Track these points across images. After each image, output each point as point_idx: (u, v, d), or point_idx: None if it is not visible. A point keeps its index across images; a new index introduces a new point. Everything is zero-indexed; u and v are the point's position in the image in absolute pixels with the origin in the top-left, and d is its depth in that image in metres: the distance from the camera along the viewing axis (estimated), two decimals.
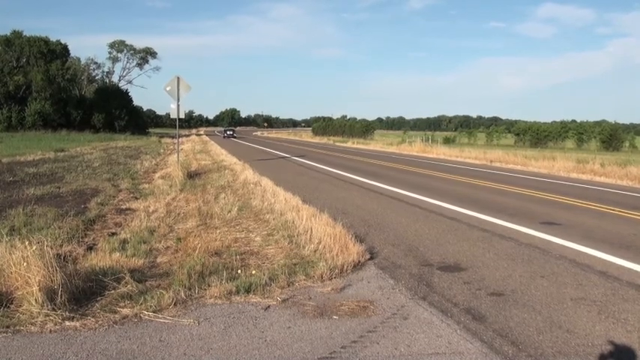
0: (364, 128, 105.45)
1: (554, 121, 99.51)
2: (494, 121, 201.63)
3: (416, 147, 52.29)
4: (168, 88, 24.32)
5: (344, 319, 6.40)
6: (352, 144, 69.94)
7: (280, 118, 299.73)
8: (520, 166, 32.37)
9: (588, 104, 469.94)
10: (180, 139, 37.21)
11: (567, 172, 27.94)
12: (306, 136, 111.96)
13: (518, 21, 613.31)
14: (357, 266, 8.61)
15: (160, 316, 6.30)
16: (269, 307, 6.77)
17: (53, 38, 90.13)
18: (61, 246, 9.13)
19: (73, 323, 5.98)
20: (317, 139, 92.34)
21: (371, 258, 9.19)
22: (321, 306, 6.85)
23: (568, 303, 7.15)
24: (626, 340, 5.93)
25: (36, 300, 6.13)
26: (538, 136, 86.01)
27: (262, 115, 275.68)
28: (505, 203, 16.15)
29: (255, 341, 5.68)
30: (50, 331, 5.81)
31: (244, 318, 6.38)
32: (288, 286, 7.54)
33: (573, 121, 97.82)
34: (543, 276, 8.36)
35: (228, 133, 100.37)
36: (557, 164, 30.40)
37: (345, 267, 8.34)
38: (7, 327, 5.82)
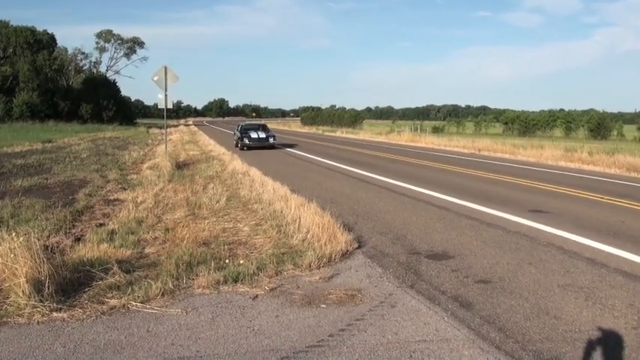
0: (353, 118, 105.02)
1: (543, 110, 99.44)
2: (483, 111, 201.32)
3: (405, 136, 52.34)
4: (155, 78, 24.20)
5: (332, 308, 6.42)
6: (341, 133, 69.80)
7: (269, 108, 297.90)
8: (508, 155, 32.43)
9: (576, 93, 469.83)
10: (168, 130, 37.06)
11: (555, 161, 28.02)
12: (295, 125, 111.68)
13: (504, 10, 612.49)
14: (345, 255, 8.63)
15: (147, 306, 6.30)
16: (257, 296, 6.78)
17: (40, 28, 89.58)
18: (48, 237, 9.12)
19: (60, 314, 5.97)
20: (306, 129, 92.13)
21: (359, 247, 9.22)
22: (309, 295, 6.87)
23: (555, 290, 7.19)
24: (613, 326, 5.97)
25: (23, 291, 6.11)
26: (526, 125, 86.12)
27: (251, 105, 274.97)
28: (493, 191, 16.20)
29: (242, 330, 5.69)
30: (38, 322, 5.81)
31: (232, 307, 6.38)
32: (276, 275, 7.55)
33: (561, 110, 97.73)
34: (531, 263, 8.40)
35: (255, 136, 36.95)
36: (546, 153, 30.46)
37: (334, 256, 8.36)
38: None
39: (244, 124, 42.71)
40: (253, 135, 36.65)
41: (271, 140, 36.73)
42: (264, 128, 39.51)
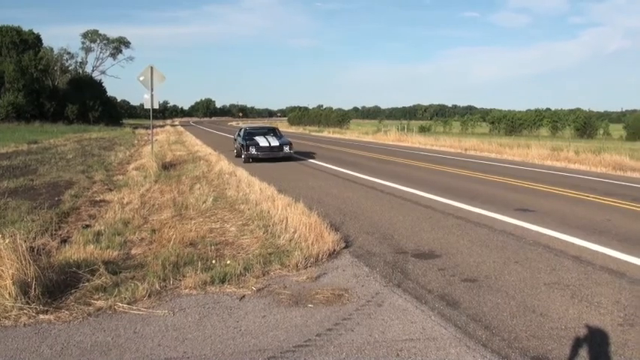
0: (340, 118, 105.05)
1: (529, 110, 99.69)
2: (470, 110, 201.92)
3: (391, 136, 52.23)
4: (141, 78, 24.09)
5: (319, 308, 6.43)
6: (328, 133, 69.64)
7: (256, 108, 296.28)
8: (495, 154, 32.51)
9: (562, 93, 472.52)
10: (154, 130, 36.95)
11: (542, 160, 28.11)
12: (282, 125, 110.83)
13: (491, 10, 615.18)
14: (332, 255, 8.65)
15: (134, 307, 6.28)
16: (244, 296, 6.78)
17: (25, 28, 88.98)
18: (34, 239, 9.06)
19: (47, 316, 5.95)
20: (293, 129, 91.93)
21: (346, 246, 9.24)
22: (296, 295, 6.87)
23: (542, 288, 7.23)
24: (598, 323, 6.02)
25: (9, 294, 6.08)
26: (513, 124, 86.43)
27: (237, 105, 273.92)
28: (479, 191, 16.26)
29: (230, 331, 5.69)
30: (24, 324, 5.79)
31: (219, 308, 6.38)
32: (263, 275, 7.56)
33: (548, 109, 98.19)
34: (517, 262, 8.45)
35: (265, 144, 26.96)
36: (532, 152, 30.54)
37: (321, 256, 8.37)
38: None
39: (248, 127, 31.86)
40: (262, 142, 27.01)
41: (287, 149, 27.29)
42: (275, 133, 29.95)
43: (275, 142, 27.31)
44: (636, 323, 6.02)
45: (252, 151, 26.35)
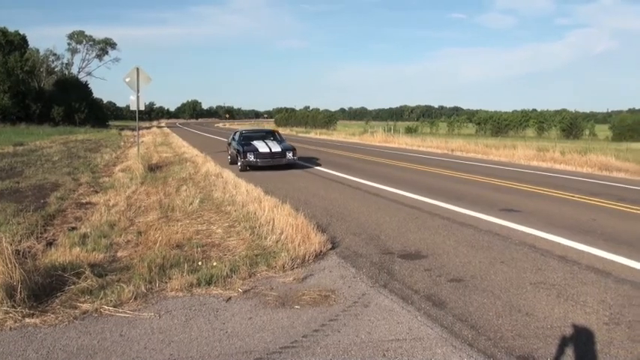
0: (327, 119, 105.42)
1: (515, 111, 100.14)
2: (456, 111, 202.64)
3: (378, 137, 52.25)
4: (127, 80, 23.97)
5: (306, 309, 6.43)
6: (315, 134, 69.66)
7: (242, 109, 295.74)
8: (481, 155, 32.57)
9: (549, 94, 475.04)
10: (140, 132, 36.77)
11: (528, 161, 28.22)
12: (269, 127, 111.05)
13: (478, 12, 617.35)
14: (319, 256, 8.65)
15: (120, 310, 6.26)
16: (230, 298, 6.78)
17: (11, 29, 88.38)
18: (20, 242, 9.02)
19: (33, 320, 5.92)
20: (280, 130, 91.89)
21: (332, 247, 9.25)
22: (283, 296, 6.87)
23: (527, 287, 7.26)
24: (584, 322, 6.05)
25: None
26: (499, 125, 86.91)
27: (224, 107, 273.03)
28: (465, 191, 16.31)
29: (216, 333, 5.68)
30: (10, 328, 5.75)
31: (205, 310, 6.37)
32: (250, 277, 7.55)
33: (534, 110, 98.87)
34: (503, 262, 8.48)
35: (265, 150, 23.21)
36: (518, 152, 30.62)
37: (307, 257, 8.38)
38: None
39: (244, 130, 27.54)
40: (262, 148, 23.39)
41: (290, 156, 23.57)
42: (275, 137, 26.26)
43: (276, 148, 23.63)
44: (621, 322, 6.06)
45: (251, 158, 22.85)
